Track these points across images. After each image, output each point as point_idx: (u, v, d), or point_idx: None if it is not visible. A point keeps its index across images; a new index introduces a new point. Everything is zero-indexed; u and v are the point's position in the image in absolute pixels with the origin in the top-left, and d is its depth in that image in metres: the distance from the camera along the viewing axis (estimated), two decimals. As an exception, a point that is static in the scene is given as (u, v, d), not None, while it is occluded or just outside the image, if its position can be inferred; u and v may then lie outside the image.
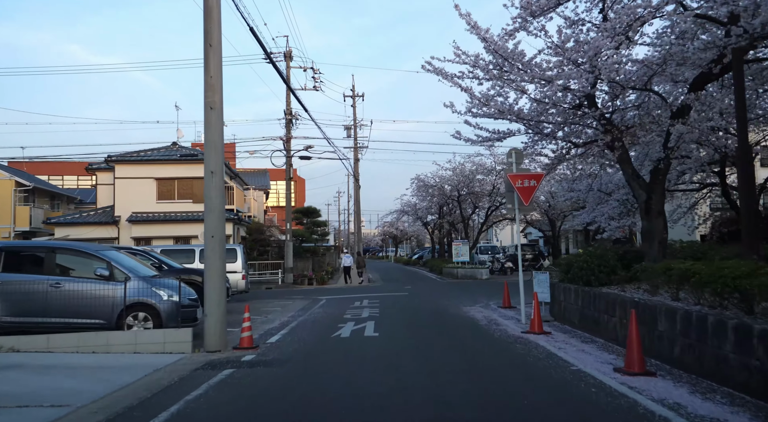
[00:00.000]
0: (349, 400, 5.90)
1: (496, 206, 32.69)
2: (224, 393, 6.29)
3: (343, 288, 26.03)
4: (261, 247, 29.33)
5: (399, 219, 55.43)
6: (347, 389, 6.34)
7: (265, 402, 5.99)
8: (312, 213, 29.57)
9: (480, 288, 23.42)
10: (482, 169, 31.91)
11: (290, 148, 27.07)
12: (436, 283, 27.34)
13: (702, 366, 6.38)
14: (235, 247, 19.68)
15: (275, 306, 17.30)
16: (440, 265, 34.42)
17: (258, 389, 6.48)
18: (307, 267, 29.18)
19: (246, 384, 6.69)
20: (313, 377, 7.03)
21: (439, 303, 16.51)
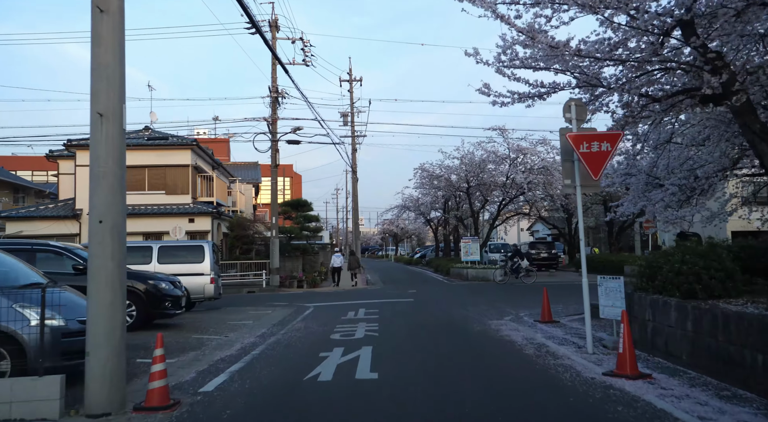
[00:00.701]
0: None
1: (509, 199, 29.05)
2: None
3: (338, 292, 22.45)
4: (244, 245, 25.74)
5: (400, 215, 51.82)
6: None
7: None
8: (302, 207, 26.04)
9: (498, 292, 19.84)
10: (495, 157, 28.32)
11: (276, 130, 23.48)
12: (444, 286, 23.75)
13: None
14: (202, 244, 16.08)
15: (247, 317, 13.71)
16: (447, 265, 30.82)
17: None
18: (296, 268, 25.60)
19: None
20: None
21: (456, 315, 12.94)
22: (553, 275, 28.64)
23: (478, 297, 18.04)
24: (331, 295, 20.51)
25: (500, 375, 6.82)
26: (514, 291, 20.56)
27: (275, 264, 23.48)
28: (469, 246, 28.38)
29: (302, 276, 25.00)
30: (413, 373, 6.87)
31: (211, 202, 26.36)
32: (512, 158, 28.03)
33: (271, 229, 23.48)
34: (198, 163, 26.32)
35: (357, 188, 38.73)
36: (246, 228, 24.88)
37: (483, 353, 8.26)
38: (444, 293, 20.29)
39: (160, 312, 10.88)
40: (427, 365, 7.38)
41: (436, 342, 9.23)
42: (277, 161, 23.41)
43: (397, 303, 16.54)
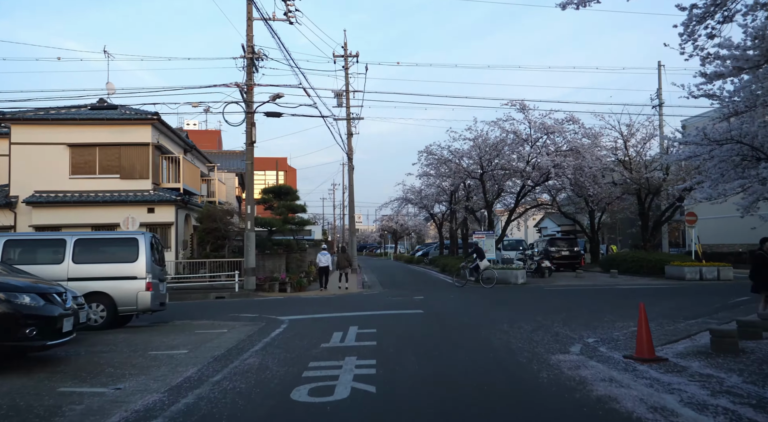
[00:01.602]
0: None
1: (531, 186, 24.75)
2: None
3: (326, 298, 18.20)
4: (216, 240, 21.47)
5: (400, 209, 47.54)
6: None
7: None
8: (286, 195, 21.74)
9: (528, 299, 15.60)
10: (514, 137, 24.02)
11: (252, 99, 19.19)
12: (457, 291, 19.52)
13: None
14: (137, 237, 11.80)
15: (186, 341, 9.47)
16: (455, 265, 26.54)
17: None
18: (278, 268, 21.35)
19: None
20: None
21: (493, 341, 8.69)
22: (580, 276, 24.40)
23: (507, 308, 13.80)
24: (316, 303, 16.26)
25: None
26: (545, 297, 16.32)
27: (250, 263, 19.21)
28: (482, 242, 24.13)
29: (285, 278, 20.76)
30: None
31: (177, 188, 22.08)
32: (534, 139, 23.74)
33: (246, 221, 19.22)
34: (161, 142, 22.03)
35: (353, 178, 34.44)
36: (217, 220, 20.63)
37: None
38: (461, 301, 16.05)
39: (13, 344, 6.59)
40: None
41: (482, 413, 4.98)
42: (253, 137, 19.14)
43: (401, 316, 12.29)
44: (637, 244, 38.65)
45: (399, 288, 21.06)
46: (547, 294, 17.74)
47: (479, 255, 20.84)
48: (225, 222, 20.85)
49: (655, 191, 25.52)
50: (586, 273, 26.11)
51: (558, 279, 24.04)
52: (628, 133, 26.06)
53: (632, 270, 25.30)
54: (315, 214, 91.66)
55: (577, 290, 18.80)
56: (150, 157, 21.12)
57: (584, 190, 25.10)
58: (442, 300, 16.27)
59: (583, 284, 21.23)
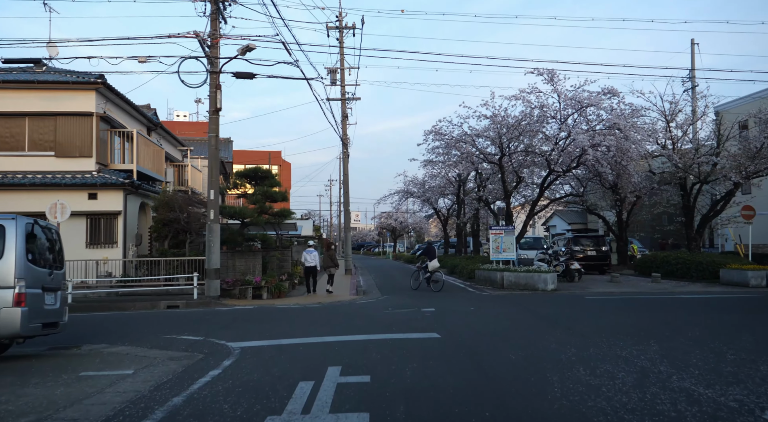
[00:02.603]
0: None
1: (559, 173, 20.68)
2: None
3: (306, 308, 14.12)
4: (177, 235, 17.42)
5: (400, 205, 43.37)
6: None
7: None
8: (263, 179, 17.60)
9: (581, 316, 11.48)
10: (540, 113, 19.95)
11: (218, 55, 15.10)
12: (477, 300, 15.46)
13: None
14: (2, 224, 7.71)
15: (39, 403, 5.40)
16: (467, 266, 22.51)
17: None
18: (252, 268, 17.26)
19: None
20: None
21: (591, 413, 4.66)
22: (616, 281, 20.35)
23: (558, 329, 9.72)
24: (293, 317, 12.19)
25: None
26: (598, 311, 12.20)
27: (213, 263, 15.12)
28: (501, 239, 20.10)
29: (260, 282, 16.69)
30: None
31: (129, 170, 17.98)
32: (564, 115, 19.68)
33: (208, 210, 15.11)
34: (109, 113, 17.92)
35: (348, 167, 30.41)
36: (176, 209, 16.54)
37: None
38: (487, 316, 11.98)
39: None
40: None
41: None
42: (218, 103, 15.05)
43: (409, 346, 8.23)
44: (675, 243, 34.72)
45: (401, 295, 17.01)
46: (594, 305, 13.68)
47: (429, 255, 18.56)
48: (187, 213, 16.75)
49: (705, 179, 21.47)
50: (620, 277, 22.05)
51: (590, 284, 20.03)
52: (671, 112, 22.02)
53: (677, 273, 21.27)
54: (310, 210, 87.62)
55: (628, 300, 14.76)
56: (94, 131, 17.02)
57: (623, 178, 21.02)
58: (461, 313, 12.19)
59: (627, 292, 17.19)
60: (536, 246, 27.41)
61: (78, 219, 16.35)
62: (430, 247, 19.28)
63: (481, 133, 20.42)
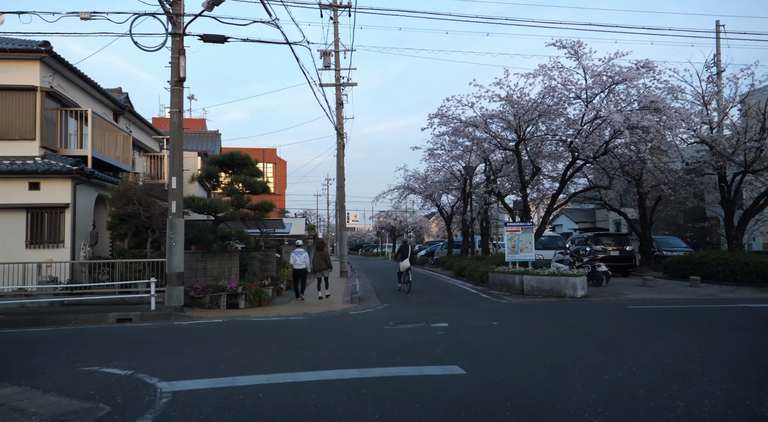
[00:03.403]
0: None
1: (587, 160, 17.96)
2: None
3: (288, 321, 11.37)
4: (139, 233, 14.71)
5: (400, 202, 40.63)
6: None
7: None
8: (241, 166, 14.74)
9: (643, 334, 8.65)
10: (562, 93, 17.27)
11: (181, 11, 12.36)
12: (497, 311, 12.74)
13: None
14: None
15: None
16: (478, 269, 19.76)
17: None
18: (227, 273, 14.53)
19: None
20: None
21: None
22: (649, 285, 17.69)
23: (632, 355, 7.00)
24: (268, 335, 9.46)
25: None
26: (659, 327, 9.45)
27: (175, 266, 12.38)
28: (517, 237, 17.41)
29: (236, 288, 13.97)
30: None
31: (84, 157, 15.24)
32: (591, 94, 16.98)
33: (169, 201, 12.37)
34: (60, 89, 15.20)
35: (344, 159, 27.69)
36: (134, 202, 13.81)
37: None
38: (522, 336, 9.26)
39: None
40: None
41: None
42: (181, 72, 12.32)
43: (422, 388, 5.53)
44: (694, 243, 32.05)
45: (403, 303, 14.30)
46: (646, 319, 10.97)
47: (402, 254, 17.75)
48: (148, 205, 14.01)
49: (750, 168, 18.78)
50: (653, 280, 19.34)
51: (621, 288, 17.38)
52: (710, 93, 19.34)
53: (717, 276, 18.57)
54: (307, 210, 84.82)
55: (682, 311, 12.07)
56: (38, 109, 14.30)
57: (655, 168, 18.33)
58: (483, 331, 9.47)
59: (671, 299, 14.51)
60: (552, 246, 24.67)
61: (16, 214, 13.65)
62: (404, 246, 18.06)
63: (496, 114, 17.62)
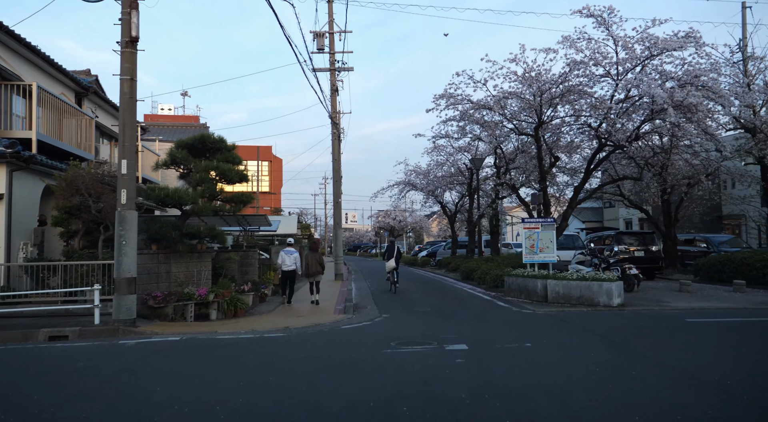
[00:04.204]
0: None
1: (611, 148, 15.59)
2: None
3: (263, 340, 8.96)
4: (92, 230, 12.32)
5: (399, 200, 38.17)
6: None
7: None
8: (214, 152, 12.32)
9: (749, 368, 6.34)
10: (590, 68, 14.93)
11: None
12: (524, 325, 10.39)
13: None
14: None
15: None
16: (491, 272, 17.37)
17: None
18: (197, 278, 12.14)
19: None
20: None
21: None
22: (688, 290, 15.39)
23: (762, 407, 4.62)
24: (225, 363, 7.06)
25: None
26: (735, 346, 7.11)
27: (126, 269, 9.98)
28: (537, 235, 15.10)
29: (206, 295, 11.60)
30: None
31: (27, 139, 12.82)
32: (624, 70, 14.62)
33: (118, 190, 9.99)
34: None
35: (339, 150, 25.36)
36: (83, 192, 11.42)
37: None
38: (575, 369, 6.88)
39: None
40: None
41: None
42: (132, 30, 9.95)
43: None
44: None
45: (407, 313, 11.93)
46: (720, 336, 8.63)
47: (388, 253, 17.57)
48: (99, 196, 11.61)
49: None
50: (691, 285, 17.00)
51: (655, 294, 15.12)
52: (753, 72, 17.01)
53: (765, 280, 16.25)
54: (303, 209, 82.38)
55: (755, 326, 9.74)
56: (-33, 81, 11.90)
57: (696, 155, 16.00)
58: (517, 357, 7.09)
59: (725, 308, 12.19)
60: (569, 246, 22.31)
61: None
62: (391, 246, 17.85)
63: (514, 92, 15.21)
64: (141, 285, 11.43)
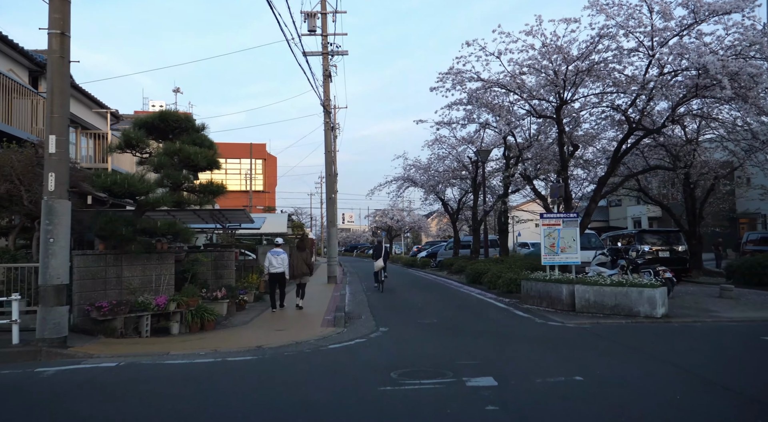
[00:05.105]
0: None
1: (641, 133, 13.49)
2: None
3: (225, 363, 6.83)
4: (28, 229, 10.19)
5: (397, 199, 35.98)
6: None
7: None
8: (179, 132, 10.20)
9: None
10: (620, 38, 12.84)
11: None
12: (557, 345, 8.26)
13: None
14: None
15: None
16: (504, 275, 15.23)
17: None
18: (155, 283, 10.01)
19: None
20: None
21: None
22: (731, 297, 13.37)
23: None
24: (164, 404, 4.94)
25: None
26: None
27: (53, 274, 7.86)
28: (557, 232, 13.09)
29: (166, 305, 9.49)
30: None
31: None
32: (661, 40, 12.52)
33: (45, 174, 7.90)
34: None
35: (332, 142, 23.29)
36: (13, 179, 9.29)
37: None
38: None
39: None
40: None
41: None
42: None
43: None
44: (718, 242, 27.67)
45: (410, 325, 9.82)
46: None
47: (375, 253, 18.00)
48: (31, 183, 9.47)
49: None
50: (734, 290, 14.93)
51: (695, 301, 13.10)
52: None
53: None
54: (298, 208, 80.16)
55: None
56: None
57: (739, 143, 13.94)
58: (577, 403, 4.99)
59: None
60: (586, 245, 20.16)
61: None
62: (378, 246, 18.17)
63: (533, 65, 13.05)
64: (84, 293, 9.33)
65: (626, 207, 46.47)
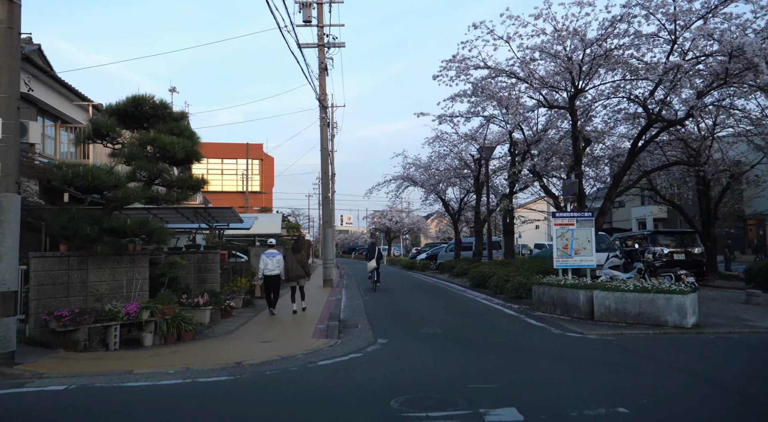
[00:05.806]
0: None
1: (661, 125, 12.42)
2: None
3: (195, 385, 5.73)
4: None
5: (396, 199, 34.95)
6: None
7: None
8: (151, 120, 9.05)
9: None
10: (640, 21, 11.79)
11: None
12: (583, 364, 7.20)
13: None
14: None
15: None
16: (513, 279, 14.11)
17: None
18: (125, 290, 8.91)
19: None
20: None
21: None
22: (758, 303, 12.30)
23: None
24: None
25: None
26: None
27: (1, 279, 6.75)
28: (571, 233, 12.06)
29: (137, 313, 8.40)
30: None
31: None
32: (684, 24, 11.46)
33: (-11, 161, 6.82)
34: None
35: (328, 138, 22.24)
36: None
37: None
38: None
39: None
40: None
41: None
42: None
43: None
44: (727, 244, 26.67)
45: (412, 336, 8.72)
46: None
47: (369, 253, 18.41)
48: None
49: None
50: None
51: (720, 307, 12.00)
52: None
53: None
54: (296, 209, 79.01)
55: None
56: None
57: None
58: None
59: None
60: (598, 248, 19.10)
61: None
62: (372, 247, 18.66)
63: (545, 50, 11.95)
64: (43, 300, 8.24)
65: (630, 208, 45.46)
